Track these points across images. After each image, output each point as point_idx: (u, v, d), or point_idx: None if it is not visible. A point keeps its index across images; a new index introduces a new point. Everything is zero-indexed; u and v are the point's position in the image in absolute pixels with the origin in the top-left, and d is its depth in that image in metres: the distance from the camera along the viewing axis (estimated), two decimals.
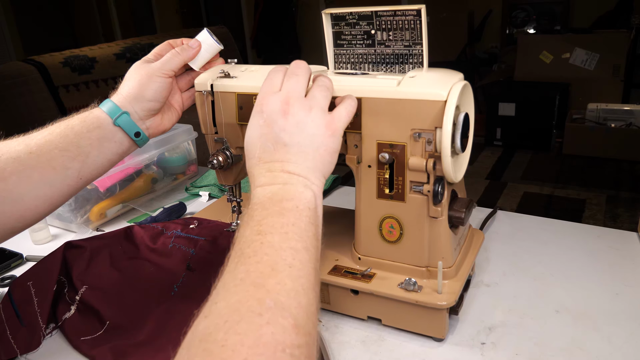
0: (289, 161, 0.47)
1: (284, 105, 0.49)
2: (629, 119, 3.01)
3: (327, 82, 0.53)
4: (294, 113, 0.48)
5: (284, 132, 0.48)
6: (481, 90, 3.55)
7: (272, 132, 0.48)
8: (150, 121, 0.64)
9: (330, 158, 0.49)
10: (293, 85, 0.50)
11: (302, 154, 0.47)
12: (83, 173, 0.59)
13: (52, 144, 0.57)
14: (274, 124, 0.48)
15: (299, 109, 0.49)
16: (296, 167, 0.47)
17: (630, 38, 3.24)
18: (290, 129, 0.48)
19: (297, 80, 0.51)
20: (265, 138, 0.48)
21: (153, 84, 0.62)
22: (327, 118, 0.49)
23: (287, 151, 0.47)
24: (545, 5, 3.98)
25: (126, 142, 0.62)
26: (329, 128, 0.49)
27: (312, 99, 0.50)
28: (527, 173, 3.00)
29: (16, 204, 0.55)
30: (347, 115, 0.52)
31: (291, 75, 0.51)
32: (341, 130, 0.50)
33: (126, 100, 0.62)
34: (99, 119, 0.60)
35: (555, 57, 3.43)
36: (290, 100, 0.49)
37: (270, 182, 0.46)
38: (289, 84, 0.50)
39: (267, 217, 0.42)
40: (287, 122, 0.48)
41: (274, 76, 0.52)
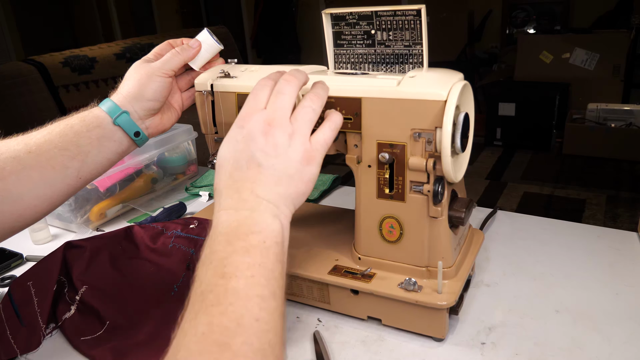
0: (260, 183, 0.44)
1: (266, 126, 0.46)
2: (629, 119, 3.02)
3: (315, 103, 0.49)
4: (274, 135, 0.46)
5: (260, 152, 0.45)
6: (481, 90, 3.55)
7: (248, 150, 0.45)
8: (149, 121, 0.64)
9: (305, 188, 0.47)
10: (279, 105, 0.48)
11: (274, 178, 0.45)
12: (82, 172, 0.59)
13: (52, 143, 0.57)
14: (251, 141, 0.46)
15: (281, 132, 0.46)
16: (267, 192, 0.44)
17: (630, 38, 3.25)
18: (268, 150, 0.45)
19: (283, 99, 0.48)
20: (240, 155, 0.46)
21: (153, 84, 0.62)
22: (306, 146, 0.47)
23: (260, 172, 0.45)
24: (545, 5, 3.98)
25: (126, 142, 0.62)
26: (306, 156, 0.47)
27: (295, 123, 0.47)
28: (527, 173, 3.00)
29: (15, 203, 0.55)
30: (325, 143, 0.49)
31: (278, 93, 0.48)
32: (320, 158, 0.48)
33: (126, 99, 0.62)
34: (98, 118, 0.60)
35: (555, 57, 3.43)
36: (273, 122, 0.46)
37: (236, 206, 0.43)
38: (275, 104, 0.48)
39: (232, 255, 0.39)
40: (266, 142, 0.45)
41: (260, 91, 0.49)
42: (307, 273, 0.64)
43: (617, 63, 3.25)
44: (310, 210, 0.82)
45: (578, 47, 3.33)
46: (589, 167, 3.00)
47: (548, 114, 3.22)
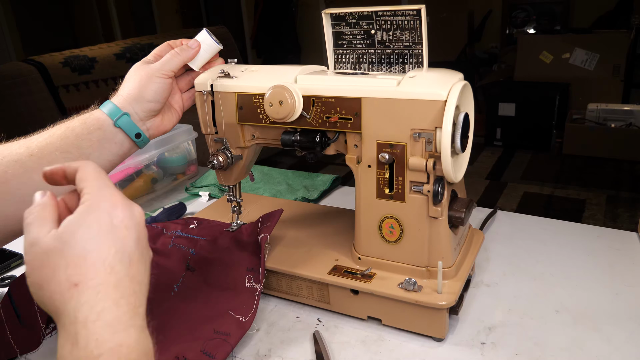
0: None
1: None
2: (629, 119, 3.01)
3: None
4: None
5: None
6: (481, 90, 3.55)
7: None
8: (150, 122, 0.64)
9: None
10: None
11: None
12: None
13: (53, 146, 0.57)
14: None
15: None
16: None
17: (630, 38, 3.24)
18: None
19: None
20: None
21: (153, 85, 0.62)
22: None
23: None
24: (545, 5, 3.98)
25: (127, 143, 0.62)
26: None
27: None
28: (527, 173, 3.00)
29: (18, 207, 0.55)
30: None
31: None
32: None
33: (126, 101, 0.62)
34: (99, 120, 0.60)
35: (555, 57, 3.43)
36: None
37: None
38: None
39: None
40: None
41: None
42: (307, 273, 0.64)
43: (617, 63, 3.25)
44: (310, 210, 0.82)
45: (578, 47, 3.33)
46: (589, 167, 3.00)
47: (548, 114, 3.22)
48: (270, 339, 0.62)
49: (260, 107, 0.64)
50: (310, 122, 0.61)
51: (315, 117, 0.61)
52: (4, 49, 4.48)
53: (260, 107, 0.64)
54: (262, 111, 0.64)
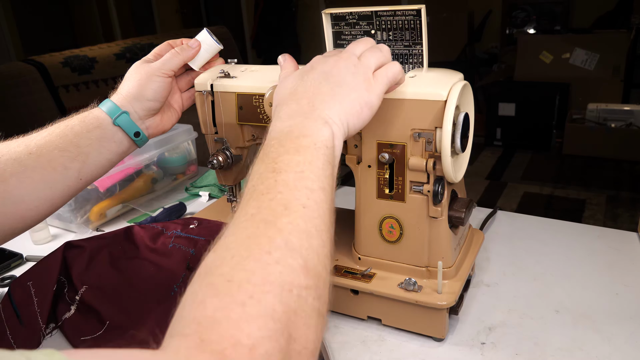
0: (318, 95, 0.46)
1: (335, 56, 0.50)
2: (629, 119, 3.01)
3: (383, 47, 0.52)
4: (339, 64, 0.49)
5: (324, 75, 0.48)
6: (481, 90, 3.55)
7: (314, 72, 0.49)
8: (150, 121, 0.64)
9: (360, 108, 0.48)
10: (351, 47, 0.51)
11: (333, 92, 0.47)
12: (83, 173, 0.59)
13: (52, 144, 0.57)
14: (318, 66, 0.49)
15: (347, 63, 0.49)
16: (323, 104, 0.46)
17: (630, 38, 3.24)
18: (332, 73, 0.48)
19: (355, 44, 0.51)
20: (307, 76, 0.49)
21: (153, 84, 0.62)
22: (368, 75, 0.49)
23: (321, 88, 0.47)
24: (545, 5, 3.98)
25: (126, 142, 0.62)
26: (366, 84, 0.48)
27: (363, 58, 0.50)
28: (527, 173, 3.00)
29: (17, 205, 0.55)
30: (386, 77, 0.50)
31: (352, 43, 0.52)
32: (379, 90, 0.49)
33: (126, 99, 0.62)
34: (98, 118, 0.60)
35: (555, 57, 3.43)
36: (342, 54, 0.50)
37: (290, 116, 0.45)
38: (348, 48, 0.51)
39: (283, 155, 0.41)
40: (331, 68, 0.48)
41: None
42: None
43: (617, 63, 3.25)
44: None
45: (578, 47, 3.33)
46: (589, 167, 3.00)
47: (548, 114, 3.22)
48: None
49: (260, 107, 0.64)
50: None
51: None
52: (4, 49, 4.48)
53: (260, 107, 0.64)
54: (262, 111, 0.64)
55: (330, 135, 0.44)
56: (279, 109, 0.47)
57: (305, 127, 0.43)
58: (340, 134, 0.46)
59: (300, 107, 0.46)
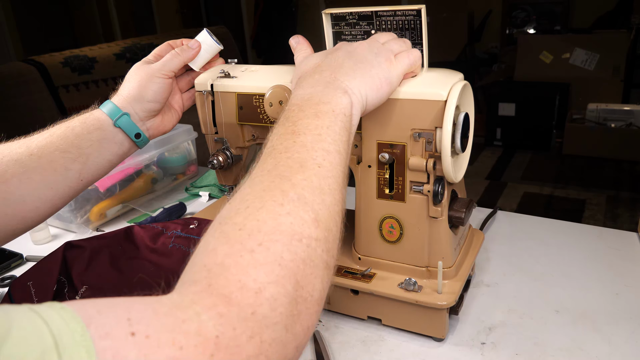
0: (341, 68, 0.48)
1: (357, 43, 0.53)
2: (629, 119, 3.01)
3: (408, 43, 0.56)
4: (363, 47, 0.52)
5: (348, 53, 0.50)
6: (481, 90, 3.55)
7: (337, 52, 0.51)
8: (150, 122, 0.64)
9: (380, 83, 0.50)
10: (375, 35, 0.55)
11: (355, 68, 0.49)
12: (84, 174, 0.59)
13: (53, 145, 0.57)
14: (341, 48, 0.52)
15: (371, 47, 0.52)
16: (344, 76, 0.48)
17: (630, 38, 3.24)
18: (355, 52, 0.51)
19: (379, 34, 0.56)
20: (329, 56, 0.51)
21: (153, 85, 0.62)
22: (390, 56, 0.52)
23: (343, 62, 0.49)
24: (545, 5, 3.98)
25: (126, 143, 0.62)
26: (387, 61, 0.51)
27: (386, 44, 0.53)
28: (527, 173, 3.00)
29: (18, 206, 0.55)
30: (407, 59, 0.53)
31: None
32: (400, 69, 0.52)
33: (126, 101, 0.62)
34: (99, 120, 0.60)
35: (555, 57, 3.43)
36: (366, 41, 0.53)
37: (312, 84, 0.47)
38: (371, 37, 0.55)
39: (303, 119, 0.42)
40: (355, 47, 0.51)
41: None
42: None
43: (617, 63, 3.25)
44: None
45: (578, 47, 3.33)
46: (589, 167, 3.00)
47: (548, 114, 3.22)
48: None
49: (260, 107, 0.64)
50: None
51: None
52: (4, 49, 4.48)
53: (260, 107, 0.64)
54: (262, 111, 0.64)
55: (349, 104, 0.46)
56: (301, 80, 0.49)
57: (325, 95, 0.45)
58: (358, 104, 0.47)
59: (322, 77, 0.48)
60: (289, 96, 0.59)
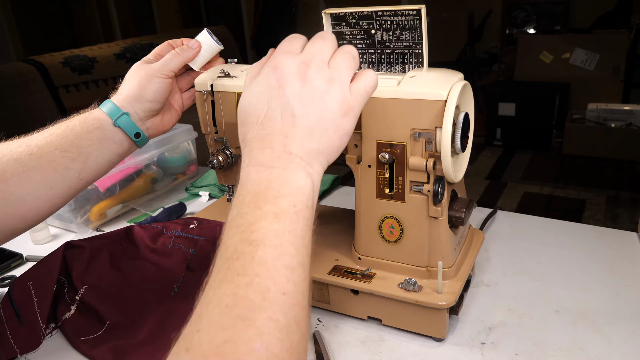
0: (293, 137, 0.41)
1: (303, 68, 0.42)
2: (629, 119, 3.01)
3: (353, 51, 0.45)
4: (311, 79, 0.42)
5: (296, 99, 0.41)
6: (481, 90, 3.55)
7: (283, 96, 0.41)
8: (150, 122, 0.64)
9: (339, 142, 0.43)
10: (318, 49, 0.43)
11: (308, 130, 0.41)
12: (84, 174, 0.59)
13: (53, 145, 0.57)
14: (286, 86, 0.41)
15: (319, 76, 0.42)
16: (300, 148, 0.41)
17: (630, 38, 3.24)
18: (304, 96, 0.41)
19: (323, 45, 0.44)
20: (275, 102, 0.41)
21: (153, 85, 0.62)
22: (345, 94, 0.42)
23: (294, 124, 0.41)
24: (545, 5, 3.98)
25: (126, 143, 0.63)
26: (344, 106, 0.42)
27: (335, 68, 0.43)
28: (527, 173, 3.00)
29: (17, 205, 0.55)
30: (366, 93, 0.44)
31: (317, 38, 0.44)
32: (358, 110, 0.44)
33: (126, 100, 0.62)
34: (99, 119, 0.60)
35: (555, 57, 3.43)
36: (311, 64, 0.42)
37: (267, 163, 0.40)
38: (313, 48, 0.43)
39: (261, 221, 0.37)
40: (302, 87, 0.41)
41: (294, 40, 0.45)
42: None
43: (617, 63, 3.25)
44: None
45: (578, 47, 3.33)
46: (589, 167, 3.00)
47: (548, 114, 3.22)
48: None
49: None
50: None
51: None
52: (4, 49, 4.48)
53: None
54: None
55: (312, 190, 0.40)
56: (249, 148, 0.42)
57: (285, 183, 0.39)
58: (319, 179, 0.42)
59: (275, 152, 0.40)
60: None
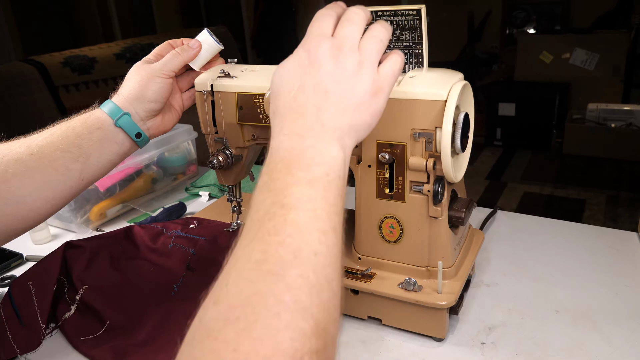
0: (326, 110, 0.41)
1: (335, 50, 0.43)
2: (629, 119, 3.01)
3: (382, 34, 0.46)
4: (343, 61, 0.43)
5: (329, 77, 0.42)
6: (481, 90, 3.55)
7: (318, 74, 0.42)
8: (151, 122, 0.64)
9: (370, 119, 0.44)
10: (347, 32, 0.44)
11: (342, 106, 0.42)
12: (85, 174, 0.59)
13: (54, 145, 0.57)
14: (320, 65, 0.42)
15: (350, 59, 0.43)
16: (333, 120, 0.41)
17: (630, 38, 3.24)
18: (336, 76, 0.42)
19: (351, 28, 0.44)
20: (307, 78, 0.42)
21: (154, 85, 0.62)
22: (374, 76, 0.44)
23: (327, 98, 0.42)
24: (545, 5, 3.98)
25: (127, 143, 0.63)
26: (374, 87, 0.43)
27: (364, 52, 0.44)
28: (527, 173, 3.00)
29: (18, 206, 0.56)
30: (393, 75, 0.45)
31: (346, 21, 0.45)
32: (388, 90, 0.45)
33: (127, 101, 0.62)
34: (100, 120, 0.60)
35: (555, 57, 3.43)
36: (342, 48, 0.43)
37: (301, 133, 0.40)
38: (343, 31, 0.44)
39: (294, 186, 0.37)
40: (335, 68, 0.42)
41: (325, 20, 0.45)
42: None
43: (617, 63, 3.25)
44: None
45: (578, 47, 3.33)
46: (589, 167, 3.00)
47: (548, 114, 3.22)
48: None
49: (260, 107, 0.64)
50: None
51: None
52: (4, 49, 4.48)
53: (260, 107, 0.64)
54: (262, 111, 0.64)
55: (343, 161, 0.41)
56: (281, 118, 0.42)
57: (317, 153, 0.40)
58: (350, 152, 0.43)
59: (308, 123, 0.41)
60: None
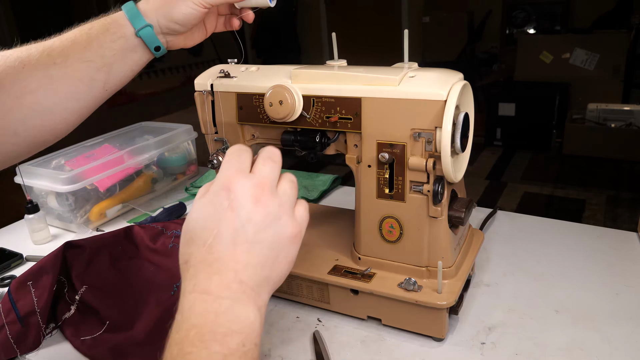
0: (245, 266, 0.38)
1: (258, 191, 0.40)
2: (629, 119, 3.01)
3: (293, 177, 0.44)
4: (265, 204, 0.40)
5: (250, 224, 0.39)
6: (481, 90, 3.55)
7: (237, 220, 0.39)
8: (171, 37, 0.61)
9: (287, 268, 0.41)
10: (269, 171, 0.41)
11: (261, 259, 0.39)
12: (108, 84, 0.58)
13: (77, 55, 0.55)
14: (241, 209, 0.39)
15: (273, 201, 0.40)
16: (251, 278, 0.38)
17: (630, 38, 3.24)
18: (258, 221, 0.39)
19: (274, 167, 0.42)
20: (226, 225, 0.39)
21: (185, 8, 0.58)
22: (293, 221, 0.41)
23: (247, 250, 0.39)
24: (545, 5, 3.98)
25: (146, 54, 0.60)
26: (293, 231, 0.41)
27: (284, 195, 0.42)
28: (527, 173, 3.00)
29: (46, 117, 0.54)
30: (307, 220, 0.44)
31: (267, 160, 0.42)
32: (302, 236, 0.42)
33: (152, 10, 0.58)
34: (122, 27, 0.58)
35: (555, 57, 3.43)
36: (265, 188, 0.40)
37: (216, 293, 0.37)
38: (265, 169, 0.41)
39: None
40: (256, 211, 0.39)
41: (242, 155, 0.42)
42: (307, 273, 0.64)
43: (617, 63, 3.25)
44: (310, 210, 0.82)
45: (578, 47, 3.33)
46: (589, 167, 3.00)
47: (548, 114, 3.22)
48: (270, 338, 0.62)
49: (260, 107, 0.64)
50: (310, 122, 0.61)
51: (315, 116, 0.61)
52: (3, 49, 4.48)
53: (260, 107, 0.64)
54: (262, 111, 0.64)
55: (260, 326, 0.38)
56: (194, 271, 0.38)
57: (235, 318, 0.37)
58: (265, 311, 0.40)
59: (224, 281, 0.38)
60: (289, 96, 0.59)
